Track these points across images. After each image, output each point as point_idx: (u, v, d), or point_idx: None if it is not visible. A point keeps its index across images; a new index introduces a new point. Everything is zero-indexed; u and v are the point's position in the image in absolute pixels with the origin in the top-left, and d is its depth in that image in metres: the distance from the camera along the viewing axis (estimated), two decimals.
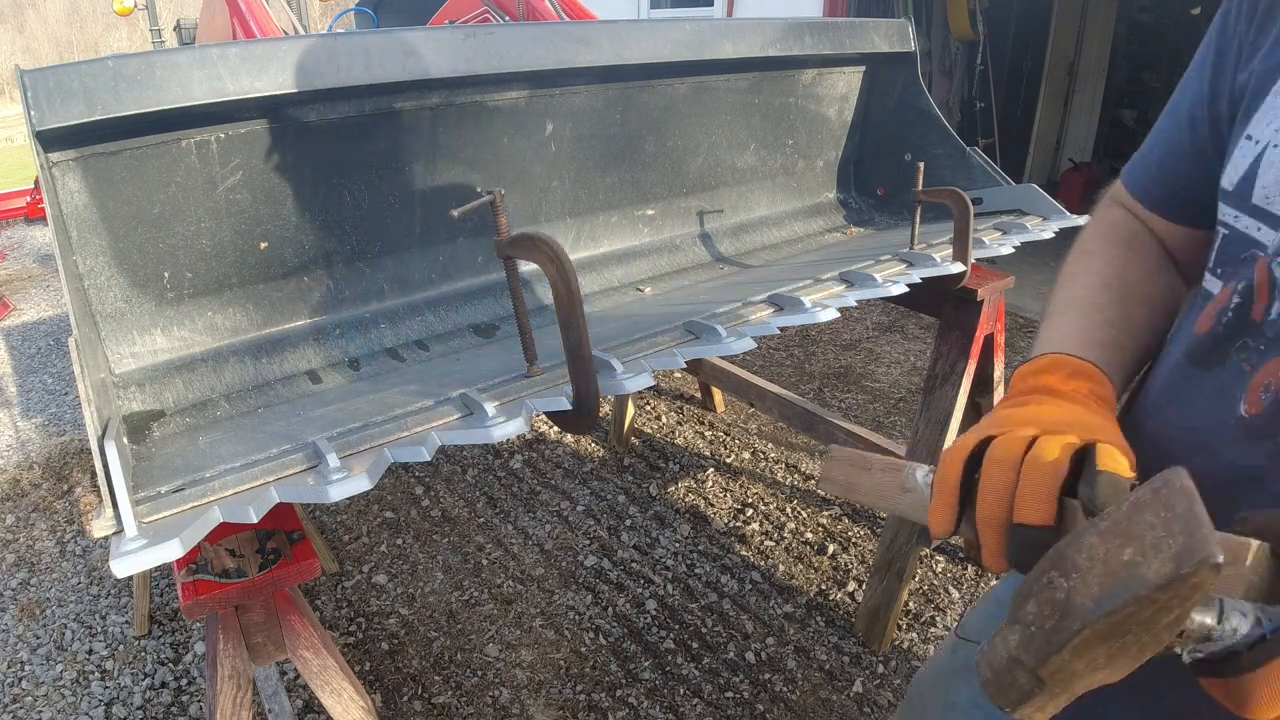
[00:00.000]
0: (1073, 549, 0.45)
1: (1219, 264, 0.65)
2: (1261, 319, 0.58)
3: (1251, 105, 0.63)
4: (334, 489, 1.09)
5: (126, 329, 1.47)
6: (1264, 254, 0.59)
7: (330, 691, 1.40)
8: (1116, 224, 0.80)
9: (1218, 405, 0.60)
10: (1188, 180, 0.74)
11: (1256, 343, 0.58)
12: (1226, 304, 0.61)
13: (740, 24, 1.99)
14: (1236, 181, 0.63)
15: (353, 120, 1.55)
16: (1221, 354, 0.61)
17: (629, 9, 7.39)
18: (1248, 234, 0.61)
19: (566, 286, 1.22)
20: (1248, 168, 0.61)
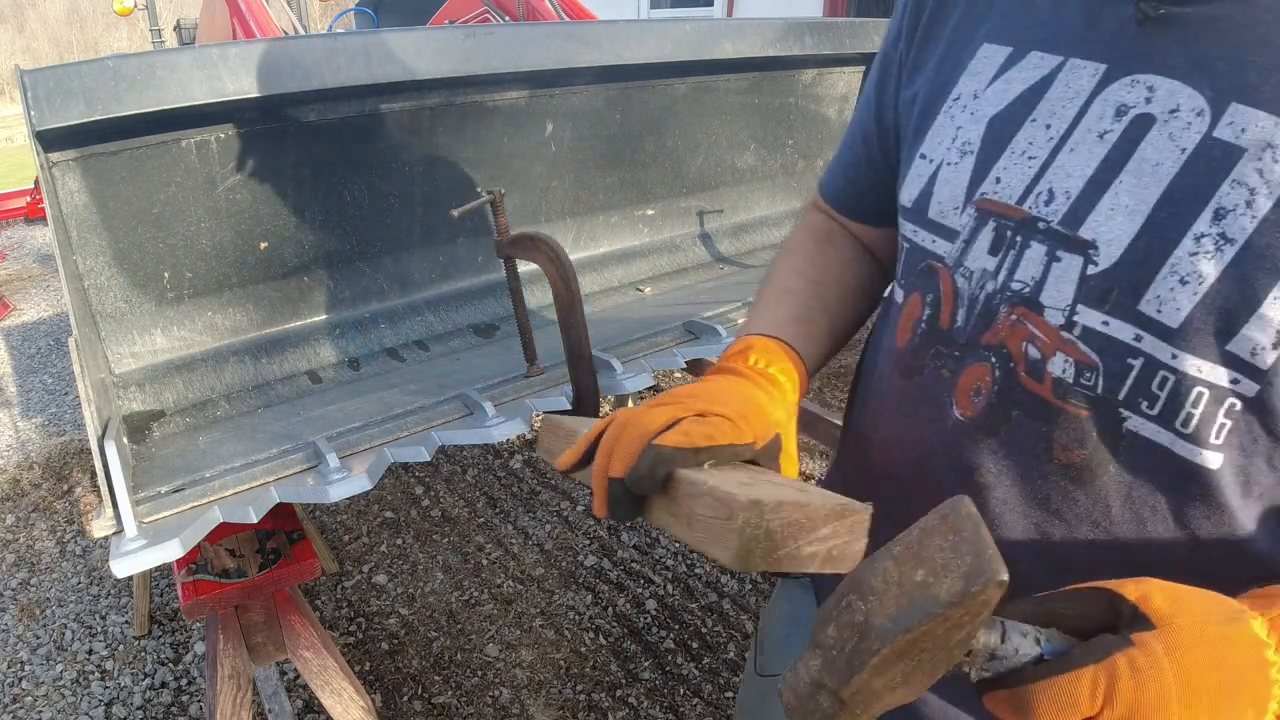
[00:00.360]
0: (869, 573, 0.47)
1: (904, 275, 0.70)
2: (949, 326, 0.63)
3: (921, 125, 0.69)
4: (334, 489, 1.10)
5: (126, 329, 1.47)
6: (943, 265, 0.64)
7: (330, 691, 1.40)
8: (816, 225, 0.87)
9: (932, 412, 0.65)
10: (869, 188, 0.81)
11: (949, 349, 0.64)
12: (919, 315, 0.67)
13: (740, 24, 1.99)
14: (914, 198, 0.68)
15: (353, 120, 1.55)
16: (920, 363, 0.66)
17: (629, 9, 7.39)
18: (925, 247, 0.67)
19: (566, 286, 1.22)
20: (924, 185, 0.67)
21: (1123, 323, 0.55)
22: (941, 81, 0.68)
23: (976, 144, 0.64)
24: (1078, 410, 0.58)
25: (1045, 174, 0.59)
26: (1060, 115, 0.60)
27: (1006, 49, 0.64)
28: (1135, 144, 0.56)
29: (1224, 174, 0.52)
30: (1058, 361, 0.58)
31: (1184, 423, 0.54)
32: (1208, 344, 0.53)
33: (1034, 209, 0.59)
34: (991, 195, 0.62)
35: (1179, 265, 0.53)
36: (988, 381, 0.61)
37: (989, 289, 0.62)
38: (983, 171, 0.63)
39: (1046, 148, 0.60)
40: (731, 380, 0.68)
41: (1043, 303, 0.59)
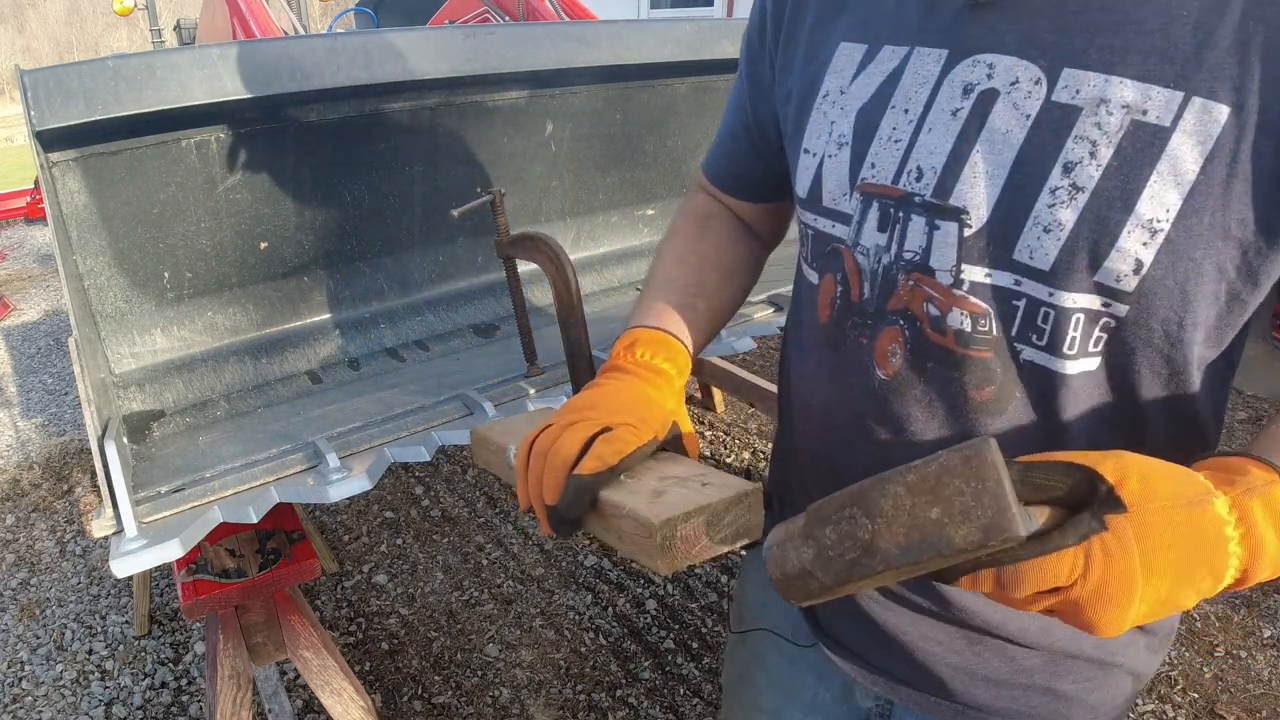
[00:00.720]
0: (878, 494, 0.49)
1: (813, 258, 0.77)
2: (859, 299, 0.71)
3: (799, 121, 0.75)
4: (334, 489, 1.10)
5: (126, 329, 1.47)
6: (845, 246, 0.72)
7: (330, 691, 1.40)
8: (697, 207, 0.95)
9: (858, 376, 0.72)
10: (748, 169, 0.89)
11: (863, 319, 0.71)
12: (834, 293, 0.74)
13: (740, 24, 1.99)
14: (807, 189, 0.75)
15: (353, 120, 1.55)
16: (842, 335, 0.74)
17: (629, 9, 7.39)
18: (826, 232, 0.74)
19: (566, 286, 1.22)
20: (813, 177, 0.73)
21: (1002, 272, 0.63)
22: (809, 80, 0.75)
23: (850, 135, 0.70)
24: (981, 354, 0.65)
25: (911, 154, 0.66)
26: (915, 100, 0.66)
27: (862, 46, 0.71)
28: (984, 117, 0.62)
29: (1066, 132, 0.59)
30: (955, 315, 0.65)
31: (1069, 345, 0.62)
32: (1078, 279, 0.60)
33: (908, 186, 0.66)
34: (870, 179, 0.69)
35: (1040, 216, 0.60)
36: (900, 342, 0.69)
37: (885, 261, 0.69)
38: (859, 159, 0.69)
39: (909, 130, 0.66)
40: (623, 381, 0.76)
41: (932, 266, 0.66)
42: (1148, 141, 0.56)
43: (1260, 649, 2.21)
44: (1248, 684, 2.10)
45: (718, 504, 0.63)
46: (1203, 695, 2.07)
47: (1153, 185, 0.56)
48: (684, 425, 0.76)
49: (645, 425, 0.70)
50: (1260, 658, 2.18)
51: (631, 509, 0.64)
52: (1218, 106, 0.54)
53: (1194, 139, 0.55)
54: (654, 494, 0.65)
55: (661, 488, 0.66)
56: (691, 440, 0.76)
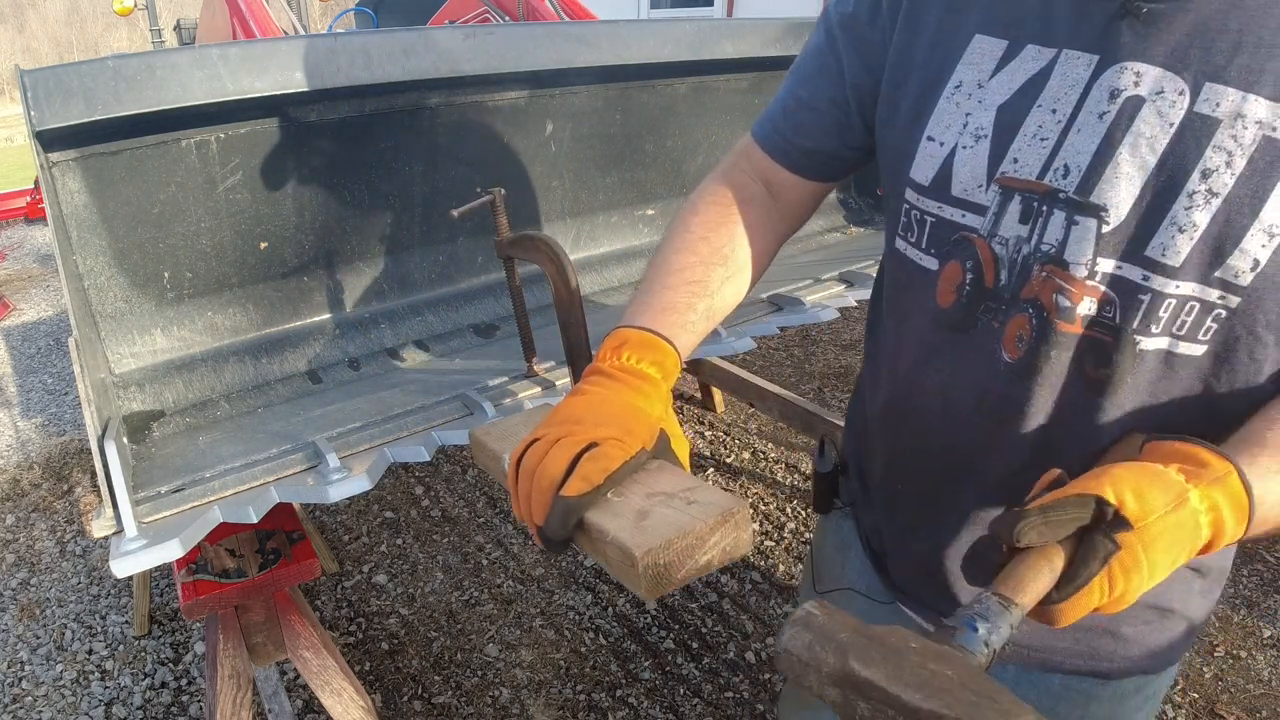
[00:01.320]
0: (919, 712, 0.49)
1: (932, 245, 0.79)
2: (994, 285, 0.75)
3: (921, 106, 0.77)
4: (334, 489, 1.10)
5: (126, 329, 1.47)
6: (977, 234, 0.75)
7: (330, 691, 1.40)
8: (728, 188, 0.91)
9: (983, 356, 0.76)
10: (822, 144, 0.88)
11: (996, 304, 0.75)
12: (962, 279, 0.76)
13: (740, 24, 1.99)
14: (931, 178, 0.77)
15: (353, 120, 1.55)
16: (971, 318, 0.77)
17: (629, 9, 7.39)
18: (955, 221, 0.76)
19: (566, 286, 1.22)
20: (940, 166, 0.76)
21: (1133, 266, 0.68)
22: (936, 68, 0.76)
23: (989, 130, 0.73)
24: (1102, 337, 0.71)
25: (1059, 152, 0.69)
26: (1064, 101, 0.69)
27: (1002, 42, 0.73)
28: (1130, 121, 0.66)
29: (1207, 141, 0.64)
30: (1085, 304, 0.70)
31: (1179, 328, 0.68)
32: (1202, 274, 0.66)
33: (1054, 182, 0.70)
34: (1012, 174, 0.72)
35: (1177, 217, 0.65)
36: (1028, 329, 0.73)
37: (1024, 252, 0.72)
38: (999, 153, 0.72)
39: (1056, 130, 0.69)
40: (608, 389, 0.76)
41: (1067, 260, 0.70)
42: (1276, 155, 0.62)
43: (1260, 649, 2.21)
44: (1248, 684, 2.10)
45: (701, 528, 0.64)
46: (1203, 695, 2.07)
47: (1277, 194, 0.63)
48: (672, 430, 0.77)
49: (633, 437, 0.71)
50: (1260, 658, 2.18)
51: (615, 535, 0.64)
52: None
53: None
54: (639, 516, 0.65)
55: (647, 507, 0.66)
56: (681, 445, 0.77)
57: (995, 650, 0.56)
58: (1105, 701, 0.89)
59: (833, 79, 0.86)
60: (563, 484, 0.67)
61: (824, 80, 0.86)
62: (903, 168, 0.79)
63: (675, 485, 0.70)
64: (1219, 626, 2.28)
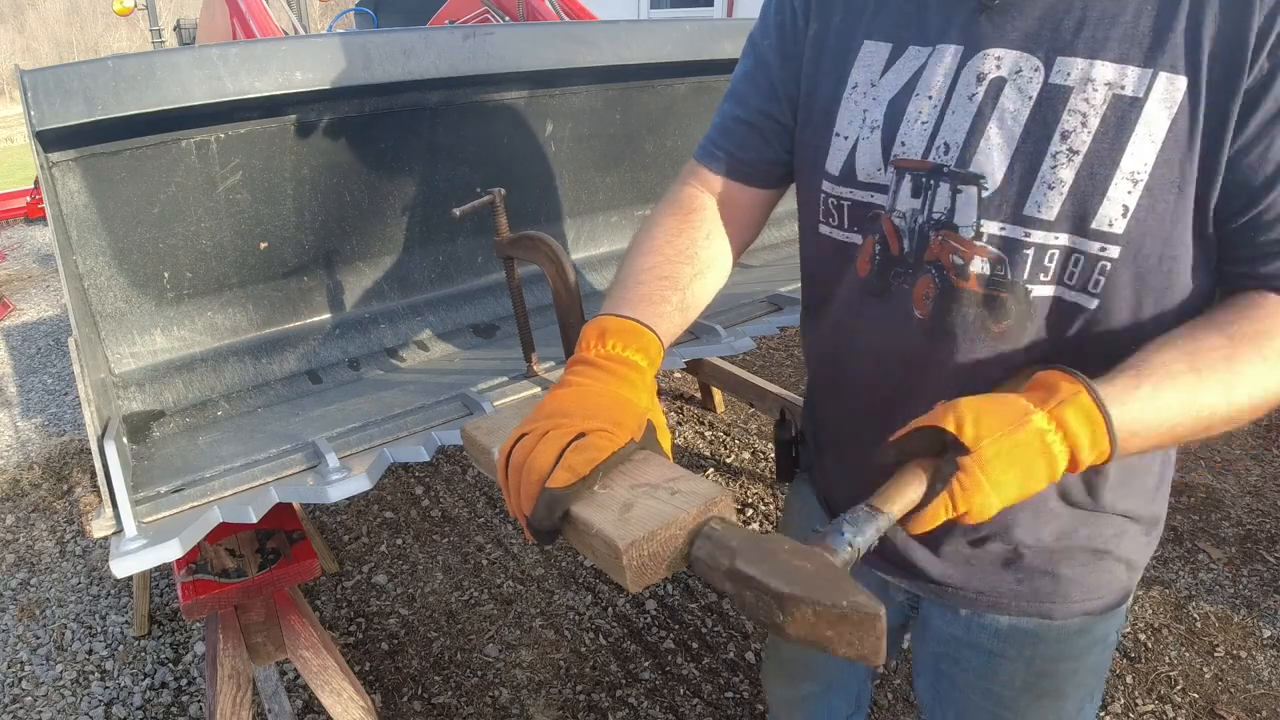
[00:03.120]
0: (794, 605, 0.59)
1: (853, 223, 0.88)
2: (899, 253, 0.84)
3: (829, 109, 0.87)
4: (334, 489, 1.10)
5: (126, 329, 1.47)
6: (883, 211, 0.84)
7: (330, 691, 1.40)
8: (682, 199, 0.98)
9: (898, 317, 0.86)
10: (763, 153, 0.96)
11: (904, 269, 0.84)
12: (873, 250, 0.86)
13: (740, 24, 1.99)
14: (840, 167, 0.86)
15: (353, 120, 1.55)
16: (885, 283, 0.86)
17: (629, 9, 7.39)
18: (866, 201, 0.86)
19: (566, 286, 1.22)
20: (846, 157, 0.86)
21: (1015, 226, 0.76)
22: (837, 76, 0.86)
23: (881, 120, 0.83)
24: (999, 294, 0.79)
25: (939, 133, 0.79)
26: (938, 88, 0.79)
27: (888, 45, 0.83)
28: (996, 99, 0.75)
29: (1062, 107, 0.72)
30: (976, 263, 0.79)
31: (1069, 278, 0.76)
32: (1077, 225, 0.74)
33: (936, 159, 0.79)
34: (902, 155, 0.82)
35: (1045, 176, 0.74)
36: (932, 287, 0.82)
37: (919, 222, 0.82)
38: (890, 140, 0.82)
39: (934, 114, 0.79)
40: (595, 380, 0.78)
41: (956, 224, 0.79)
42: (1126, 109, 0.70)
43: (1260, 649, 2.21)
44: (1248, 684, 2.10)
45: (684, 518, 0.66)
46: (1203, 695, 2.07)
47: (1133, 144, 0.70)
48: (657, 420, 0.79)
49: (620, 428, 0.73)
50: (1260, 658, 2.18)
51: (599, 528, 0.65)
52: (1178, 78, 0.69)
53: (1162, 105, 0.69)
54: (623, 508, 0.67)
55: (631, 498, 0.68)
56: (665, 435, 0.80)
57: (859, 549, 0.66)
58: (1051, 642, 0.95)
59: (765, 94, 0.94)
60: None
61: (757, 96, 0.94)
62: (819, 162, 0.89)
63: (660, 476, 0.71)
64: (1219, 626, 2.28)
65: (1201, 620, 2.31)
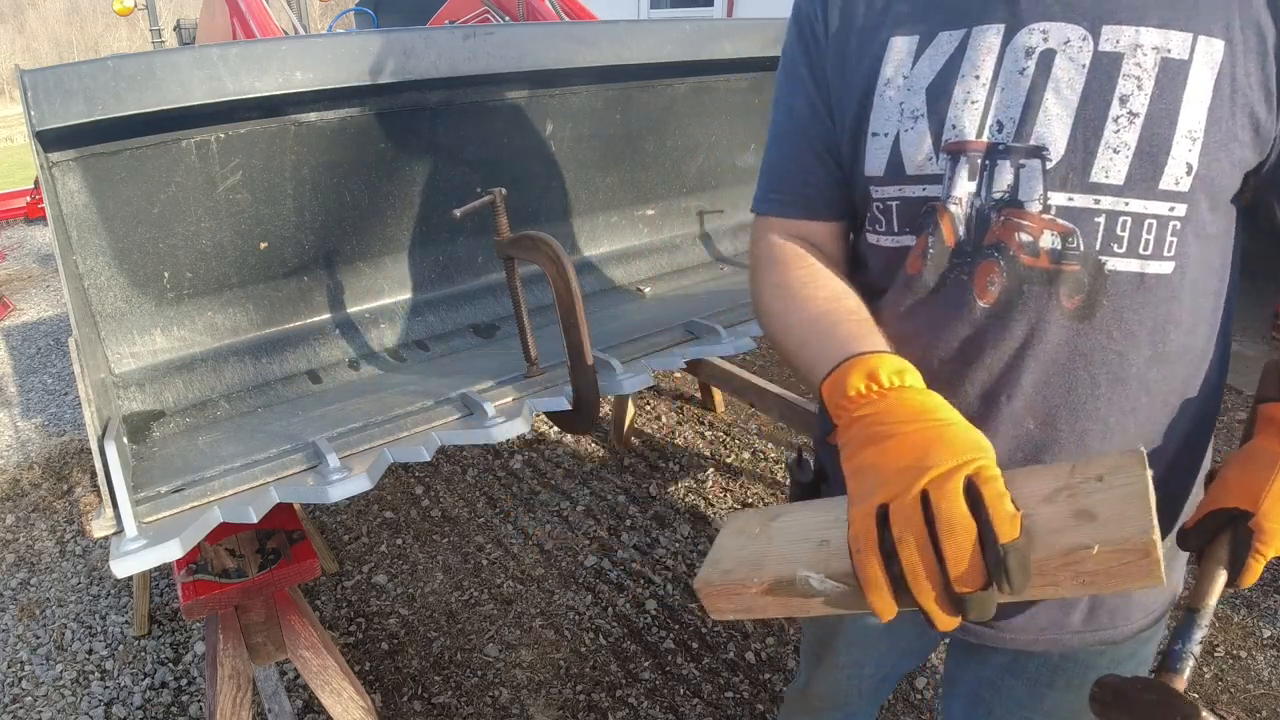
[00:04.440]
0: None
1: (905, 225, 0.84)
2: (954, 243, 0.81)
3: (862, 111, 0.84)
4: (334, 489, 1.10)
5: (126, 329, 1.47)
6: (939, 202, 0.81)
7: (330, 691, 1.40)
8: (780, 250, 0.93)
9: (956, 310, 0.81)
10: (823, 186, 0.92)
11: (960, 260, 0.81)
12: (926, 245, 0.82)
13: (740, 24, 1.99)
14: (884, 166, 0.83)
15: (353, 120, 1.55)
16: (940, 279, 0.82)
17: (629, 9, 7.39)
18: (918, 196, 0.82)
19: (566, 286, 1.22)
20: (889, 154, 0.83)
21: (1083, 195, 0.76)
22: (867, 76, 0.84)
23: (924, 108, 0.81)
24: (1071, 268, 0.77)
25: (990, 111, 0.78)
26: (984, 66, 0.78)
27: (914, 37, 0.82)
28: (1048, 71, 0.76)
29: (1116, 72, 0.74)
30: (1046, 238, 0.77)
31: (1144, 248, 0.76)
32: (1146, 188, 0.74)
33: (991, 137, 0.78)
34: (954, 139, 0.79)
35: (1109, 141, 0.74)
36: (997, 271, 0.79)
37: (977, 205, 0.79)
38: (939, 124, 0.80)
39: (983, 93, 0.78)
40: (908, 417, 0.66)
41: (1021, 200, 0.77)
42: (1176, 71, 0.72)
43: (1260, 649, 2.21)
44: (1248, 684, 2.10)
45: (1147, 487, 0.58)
46: (1203, 695, 2.07)
47: (1186, 104, 0.72)
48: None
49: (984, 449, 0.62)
50: (1260, 658, 2.18)
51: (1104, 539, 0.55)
52: (1215, 41, 0.72)
53: (1206, 66, 0.72)
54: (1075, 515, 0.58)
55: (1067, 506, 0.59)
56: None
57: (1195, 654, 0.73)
58: (1103, 668, 0.90)
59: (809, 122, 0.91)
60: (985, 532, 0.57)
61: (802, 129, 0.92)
62: (858, 170, 0.86)
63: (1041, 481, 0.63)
64: (1219, 626, 2.28)
65: None
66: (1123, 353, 0.78)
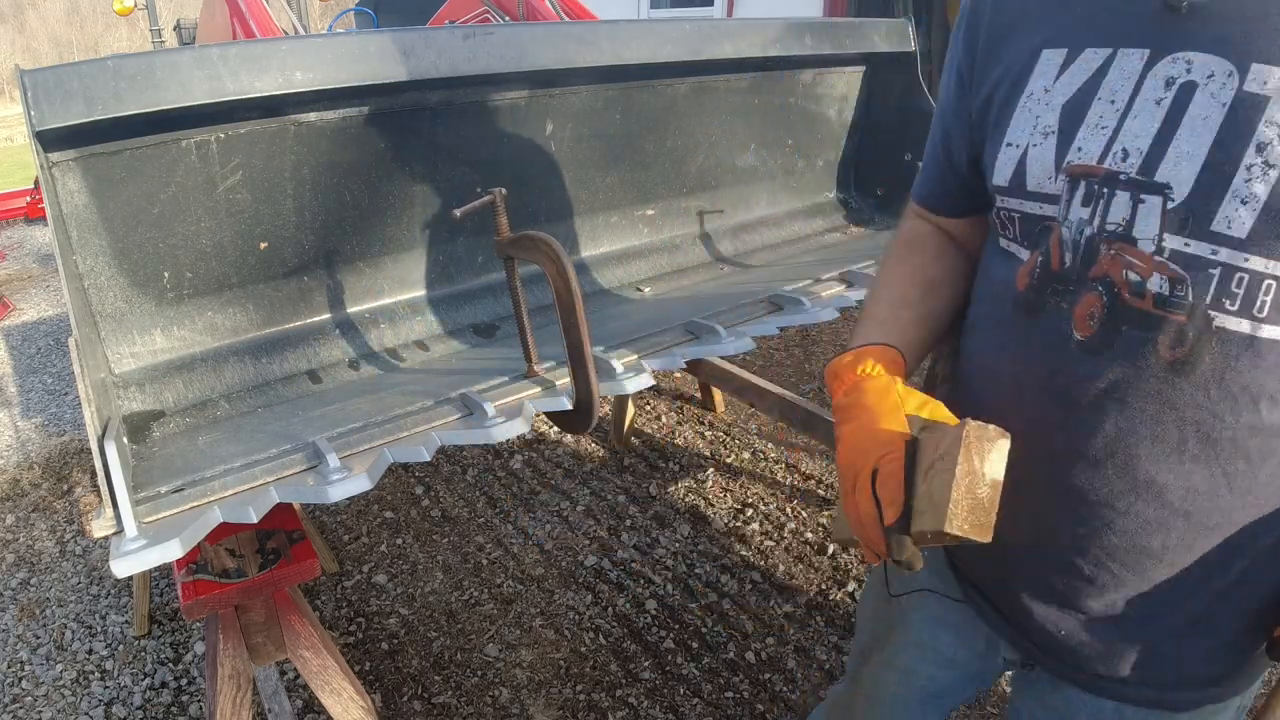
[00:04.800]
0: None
1: (1024, 237, 0.86)
2: (1059, 269, 0.80)
3: (1000, 121, 0.85)
4: (334, 489, 1.09)
5: (126, 329, 1.47)
6: (1055, 222, 0.80)
7: (330, 691, 1.40)
8: (905, 231, 1.08)
9: (1052, 339, 0.81)
10: (955, 188, 1.00)
11: (1063, 287, 0.80)
12: (1034, 265, 0.83)
13: (740, 24, 1.99)
14: (1009, 177, 0.84)
15: (353, 120, 1.55)
16: (1041, 302, 0.82)
17: (629, 9, 7.39)
18: (1036, 214, 0.83)
19: (566, 286, 1.22)
20: (1015, 166, 0.83)
21: (1201, 242, 0.71)
22: (1011, 85, 0.84)
23: (1055, 125, 0.79)
24: (1176, 317, 0.73)
25: (1117, 138, 0.75)
26: (1121, 91, 0.75)
27: (1063, 50, 0.80)
28: (1185, 105, 0.71)
29: (1258, 117, 0.68)
30: (1154, 281, 0.73)
31: (1259, 309, 0.70)
32: (1270, 245, 0.68)
33: (1113, 165, 0.75)
34: (1077, 161, 0.78)
35: (1238, 190, 0.68)
36: (1099, 306, 0.77)
37: (1087, 233, 0.77)
38: (1065, 145, 0.79)
39: (1114, 118, 0.76)
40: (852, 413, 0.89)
41: (1135, 236, 0.74)
42: None
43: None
44: None
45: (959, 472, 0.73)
46: None
47: None
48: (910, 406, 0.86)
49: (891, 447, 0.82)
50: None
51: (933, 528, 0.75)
52: None
53: None
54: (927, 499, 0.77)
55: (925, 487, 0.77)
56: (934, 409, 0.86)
57: None
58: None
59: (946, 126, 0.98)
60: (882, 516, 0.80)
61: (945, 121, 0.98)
62: (991, 177, 0.87)
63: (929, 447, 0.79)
64: None
65: None
66: (1219, 415, 0.74)
